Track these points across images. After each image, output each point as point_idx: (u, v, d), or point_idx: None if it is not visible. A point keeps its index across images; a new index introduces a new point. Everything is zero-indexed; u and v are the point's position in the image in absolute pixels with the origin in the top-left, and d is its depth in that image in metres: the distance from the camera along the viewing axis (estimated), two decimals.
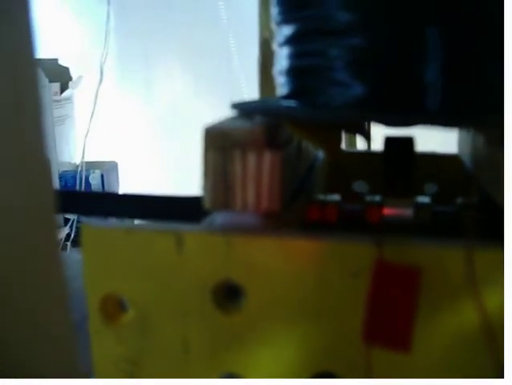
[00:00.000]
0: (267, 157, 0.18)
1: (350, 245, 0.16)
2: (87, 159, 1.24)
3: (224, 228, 0.19)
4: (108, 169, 1.26)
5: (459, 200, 0.23)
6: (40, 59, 1.18)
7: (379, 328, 0.15)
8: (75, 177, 1.24)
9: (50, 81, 1.18)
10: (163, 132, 1.25)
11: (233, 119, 0.21)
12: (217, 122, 0.20)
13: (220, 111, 0.21)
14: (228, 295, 0.19)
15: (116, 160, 1.25)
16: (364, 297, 0.16)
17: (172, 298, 0.19)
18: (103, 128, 1.25)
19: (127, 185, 1.22)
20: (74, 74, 1.19)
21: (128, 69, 1.25)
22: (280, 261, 0.17)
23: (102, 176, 1.25)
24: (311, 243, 0.17)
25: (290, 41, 0.21)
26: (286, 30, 0.21)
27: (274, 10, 0.22)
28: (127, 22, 1.22)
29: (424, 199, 0.22)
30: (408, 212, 0.21)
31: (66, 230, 0.94)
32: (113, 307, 0.20)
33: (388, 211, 0.21)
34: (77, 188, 1.21)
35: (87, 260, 0.19)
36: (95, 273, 0.19)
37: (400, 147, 0.22)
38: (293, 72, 0.21)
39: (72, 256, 0.24)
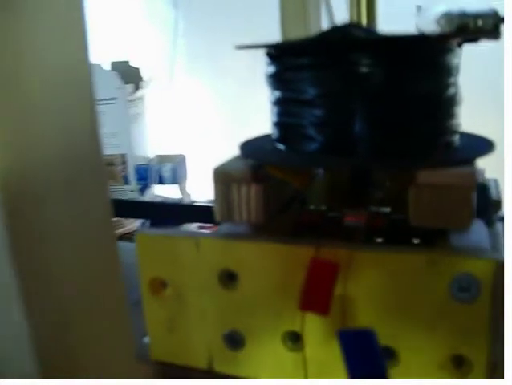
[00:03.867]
0: (253, 188, 0.29)
1: (295, 246, 0.27)
2: (159, 153, 1.39)
3: (225, 234, 0.30)
4: (178, 162, 1.40)
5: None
6: (114, 62, 1.33)
7: (309, 300, 0.26)
8: (148, 170, 1.39)
9: (125, 82, 1.33)
10: (230, 128, 1.37)
11: (235, 159, 0.32)
12: (223, 162, 0.31)
13: None
14: (228, 278, 0.30)
15: (185, 154, 1.38)
16: (303, 280, 0.26)
17: (194, 280, 0.31)
18: (173, 124, 1.39)
19: (195, 177, 1.35)
20: (145, 74, 1.33)
21: (196, 68, 1.38)
22: (257, 257, 0.29)
23: (172, 168, 1.39)
24: (271, 245, 0.28)
25: (276, 102, 0.32)
26: (274, 94, 0.32)
27: (267, 78, 0.33)
28: (194, 24, 1.35)
29: (376, 208, 0.33)
30: (359, 220, 0.32)
31: None
32: (158, 286, 0.32)
33: (347, 219, 0.32)
34: (150, 180, 1.36)
35: (140, 255, 0.31)
36: (146, 263, 0.31)
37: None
38: (278, 125, 0.32)
39: (124, 246, 0.35)
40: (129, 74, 1.36)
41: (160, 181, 1.37)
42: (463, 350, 0.27)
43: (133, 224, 1.13)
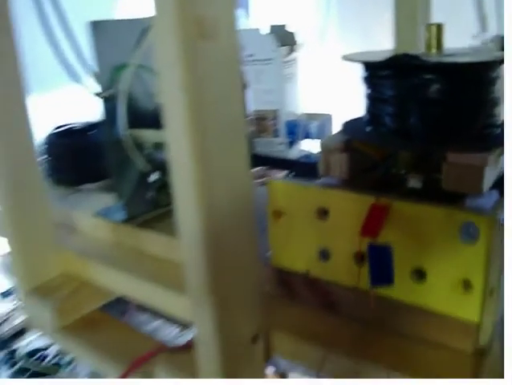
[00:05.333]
0: (343, 155, 0.46)
1: (363, 195, 0.43)
2: (308, 111, 1.56)
3: (323, 184, 0.47)
4: (324, 121, 1.56)
5: None
6: (273, 26, 1.51)
7: (367, 230, 0.42)
8: (296, 126, 1.57)
9: (280, 44, 1.50)
10: None
11: (337, 134, 0.48)
12: (329, 136, 0.48)
13: None
14: (323, 213, 0.47)
15: (331, 113, 1.54)
16: (365, 214, 0.43)
17: (301, 212, 0.48)
18: (322, 85, 1.55)
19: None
20: (299, 38, 1.49)
21: (345, 36, 1.51)
22: (342, 200, 0.45)
23: (319, 126, 1.55)
24: (349, 193, 0.44)
25: (366, 97, 0.48)
26: (366, 91, 0.48)
27: (362, 79, 0.48)
28: None
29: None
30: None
31: None
32: (277, 215, 0.49)
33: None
34: (298, 135, 1.54)
35: (269, 195, 0.49)
36: (272, 200, 0.49)
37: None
38: (366, 112, 0.48)
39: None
40: (285, 38, 1.53)
41: (307, 137, 1.55)
42: (468, 276, 0.41)
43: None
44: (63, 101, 1.38)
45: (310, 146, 1.57)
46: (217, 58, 0.39)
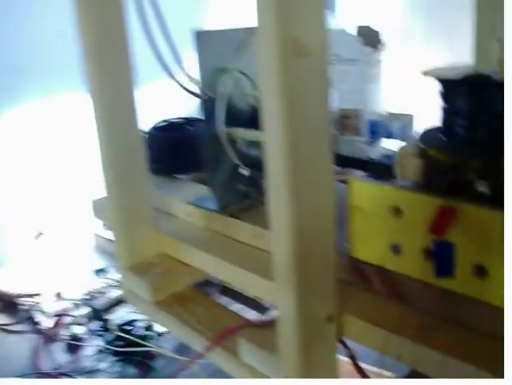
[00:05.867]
0: (418, 161, 0.52)
1: (432, 197, 0.49)
2: (391, 111, 1.60)
3: (398, 185, 0.53)
4: (406, 121, 1.59)
5: None
6: (359, 26, 1.56)
7: (435, 228, 0.48)
8: (378, 125, 1.61)
9: (365, 44, 1.55)
10: None
11: (415, 141, 0.54)
12: (404, 144, 0.54)
13: None
14: (396, 212, 0.53)
15: (413, 114, 1.57)
16: (435, 214, 0.48)
17: (375, 210, 0.54)
18: (406, 86, 1.58)
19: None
20: (384, 38, 1.54)
21: (430, 39, 1.54)
22: (414, 200, 0.51)
23: (400, 126, 1.59)
24: (422, 195, 0.50)
25: (441, 109, 0.53)
26: (441, 104, 0.53)
27: (439, 93, 0.54)
28: None
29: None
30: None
31: None
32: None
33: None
34: (380, 134, 1.59)
35: (350, 194, 0.55)
36: (352, 200, 0.56)
37: None
38: (442, 123, 0.53)
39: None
40: (371, 38, 1.58)
41: (389, 136, 1.59)
42: None
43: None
44: (157, 95, 1.49)
45: (392, 145, 1.61)
46: (308, 73, 0.46)
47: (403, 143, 0.85)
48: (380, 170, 0.60)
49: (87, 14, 0.67)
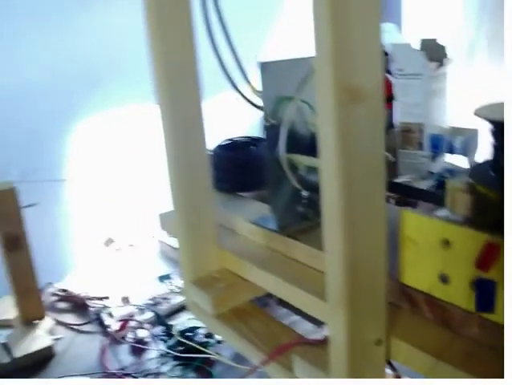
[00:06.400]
0: (467, 196, 0.55)
1: (480, 233, 0.53)
2: (454, 125, 1.61)
3: (447, 219, 0.57)
4: (470, 135, 1.60)
5: None
6: (424, 39, 1.58)
7: (481, 263, 0.52)
8: (441, 140, 1.62)
9: (430, 58, 1.56)
10: None
11: (464, 177, 0.57)
12: (456, 179, 0.57)
13: None
14: (445, 243, 0.56)
15: (478, 129, 1.57)
16: (481, 249, 0.52)
17: (426, 242, 0.58)
18: (470, 101, 1.59)
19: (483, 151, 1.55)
20: (449, 52, 1.55)
21: (496, 53, 1.55)
22: (462, 234, 0.55)
23: (464, 141, 1.59)
24: (470, 229, 0.54)
25: (491, 147, 0.57)
26: (490, 144, 0.57)
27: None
28: (501, 9, 1.51)
29: None
30: None
31: None
32: (408, 241, 0.60)
33: None
34: (442, 149, 1.60)
35: (402, 224, 0.59)
36: (405, 225, 0.60)
37: None
38: (491, 160, 0.57)
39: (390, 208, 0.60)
40: (435, 52, 1.59)
41: (452, 151, 1.59)
42: None
43: None
44: (220, 107, 1.56)
45: (454, 160, 1.62)
46: (363, 118, 0.50)
47: (463, 159, 0.88)
48: (433, 200, 0.63)
49: (158, 30, 0.73)
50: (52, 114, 1.58)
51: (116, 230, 1.71)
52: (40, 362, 1.19)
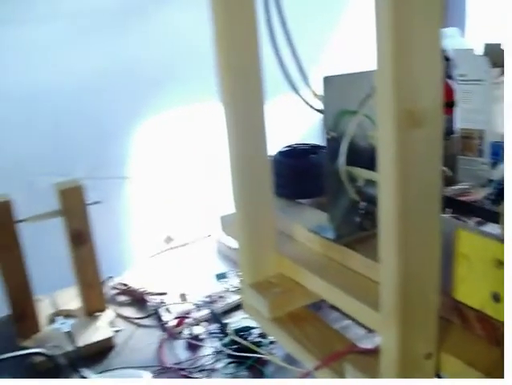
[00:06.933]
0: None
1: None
2: None
3: (500, 238, 0.59)
4: None
5: None
6: (487, 44, 1.57)
7: None
8: (502, 147, 1.61)
9: (493, 64, 1.56)
10: None
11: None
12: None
13: None
14: (499, 263, 0.59)
15: None
16: None
17: (479, 262, 0.60)
18: None
19: None
20: None
21: None
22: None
23: None
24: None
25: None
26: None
27: None
28: None
29: None
30: None
31: None
32: (462, 259, 0.62)
33: None
34: (502, 157, 1.59)
35: (457, 242, 0.62)
36: (459, 240, 0.62)
37: None
38: None
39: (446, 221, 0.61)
40: (499, 57, 1.58)
41: None
42: None
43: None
44: (280, 111, 1.60)
45: None
46: (422, 142, 0.53)
47: None
48: (488, 216, 0.65)
49: (224, 29, 0.76)
50: (118, 112, 1.66)
51: (176, 228, 1.77)
52: (101, 352, 1.26)
